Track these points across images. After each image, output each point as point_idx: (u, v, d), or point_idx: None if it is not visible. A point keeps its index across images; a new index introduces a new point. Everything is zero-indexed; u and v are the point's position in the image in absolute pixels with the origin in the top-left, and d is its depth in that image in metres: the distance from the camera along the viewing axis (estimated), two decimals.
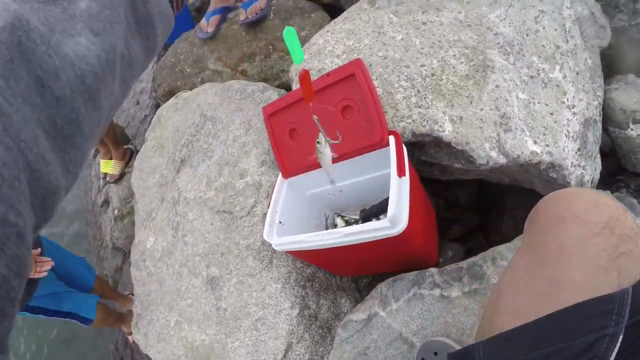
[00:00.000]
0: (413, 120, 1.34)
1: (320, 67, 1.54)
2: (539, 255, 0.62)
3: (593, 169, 1.39)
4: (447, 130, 1.31)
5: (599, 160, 1.44)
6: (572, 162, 1.31)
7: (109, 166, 2.94)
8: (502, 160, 1.29)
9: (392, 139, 1.23)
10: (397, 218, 1.07)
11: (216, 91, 1.93)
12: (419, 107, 1.35)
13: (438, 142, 1.36)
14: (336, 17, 1.86)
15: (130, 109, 3.04)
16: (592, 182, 1.39)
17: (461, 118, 1.31)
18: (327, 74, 1.32)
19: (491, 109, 1.31)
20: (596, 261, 0.54)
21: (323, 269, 1.51)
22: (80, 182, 4.13)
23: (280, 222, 1.33)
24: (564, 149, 1.30)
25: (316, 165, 1.36)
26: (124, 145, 3.00)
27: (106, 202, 3.23)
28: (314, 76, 1.53)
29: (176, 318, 1.73)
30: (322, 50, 1.58)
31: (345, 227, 1.15)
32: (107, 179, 2.99)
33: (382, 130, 1.24)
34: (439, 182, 1.69)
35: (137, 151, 2.84)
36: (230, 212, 1.57)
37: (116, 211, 2.97)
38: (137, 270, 2.05)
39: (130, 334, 2.55)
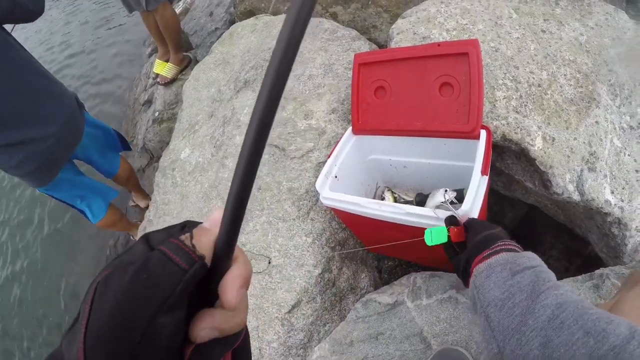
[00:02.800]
0: (507, 123, 1.24)
1: (425, 35, 1.43)
2: None
3: None
4: (537, 146, 1.21)
5: None
6: (637, 226, 1.22)
7: (163, 68, 2.85)
8: (576, 197, 1.21)
9: (483, 133, 1.13)
10: (469, 212, 0.97)
11: None
12: (517, 112, 1.26)
13: (522, 155, 1.27)
14: None
15: (202, 18, 2.93)
16: None
17: (554, 139, 1.22)
18: (438, 44, 1.20)
19: (584, 143, 1.23)
20: None
21: (356, 238, 1.42)
22: (127, 78, 4.09)
23: (335, 177, 1.24)
24: (635, 210, 1.21)
25: (393, 131, 1.26)
26: (184, 52, 2.91)
27: (148, 102, 3.16)
28: (416, 42, 1.42)
29: None
30: (431, 19, 1.47)
31: (408, 206, 1.05)
32: (158, 79, 2.91)
33: (477, 121, 1.13)
34: (493, 192, 1.58)
35: (196, 61, 2.75)
36: (283, 149, 1.48)
37: (157, 113, 2.90)
38: (162, 176, 1.99)
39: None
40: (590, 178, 1.20)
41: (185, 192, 1.79)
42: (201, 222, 0.32)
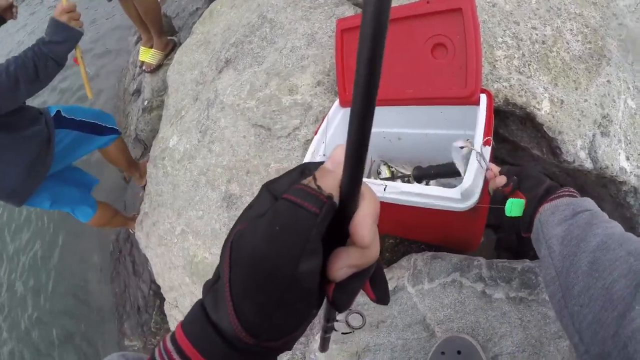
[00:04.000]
0: (510, 86, 1.14)
1: None
2: None
3: None
4: (543, 110, 1.12)
5: None
6: None
7: (148, 55, 2.73)
8: (589, 164, 1.11)
9: (483, 98, 1.02)
10: (470, 193, 0.87)
11: None
12: (520, 73, 1.16)
13: (527, 120, 1.18)
14: None
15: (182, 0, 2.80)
16: None
17: (562, 102, 1.12)
18: (427, 1, 1.08)
19: (595, 104, 1.13)
20: None
21: None
22: (117, 69, 3.97)
23: (324, 155, 1.13)
24: None
25: (382, 101, 1.15)
26: (167, 36, 2.78)
27: (137, 92, 3.06)
28: (402, 1, 1.29)
29: (182, 227, 1.60)
30: None
31: (404, 184, 0.95)
32: (144, 67, 2.79)
33: (475, 85, 1.03)
34: (497, 160, 1.49)
35: (180, 44, 2.63)
36: (268, 129, 1.37)
37: (146, 102, 2.80)
38: (154, 167, 1.90)
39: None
40: (604, 144, 1.11)
41: (176, 181, 1.71)
42: (321, 163, 0.31)
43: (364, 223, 0.29)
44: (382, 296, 0.36)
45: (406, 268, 1.14)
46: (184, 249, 1.57)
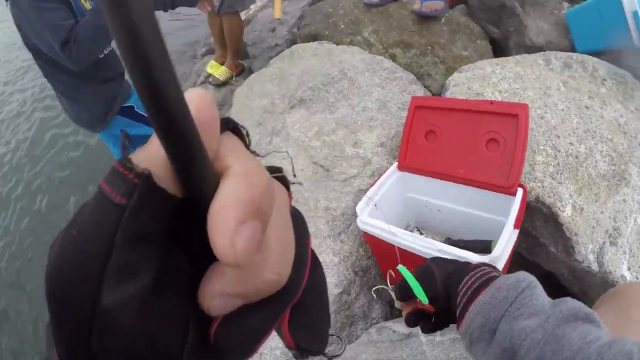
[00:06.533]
0: (543, 187, 1.33)
1: (478, 92, 1.54)
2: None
3: None
4: (566, 213, 1.30)
5: None
6: None
7: (218, 70, 2.99)
8: (595, 267, 1.28)
9: (520, 191, 1.21)
10: (496, 261, 1.05)
11: (364, 58, 1.92)
12: (553, 178, 1.35)
13: (551, 219, 1.35)
14: (498, 55, 2.06)
15: (263, 32, 3.08)
16: None
17: (582, 209, 1.30)
18: (492, 102, 1.30)
19: (609, 217, 1.31)
20: None
21: (378, 268, 1.49)
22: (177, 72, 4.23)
23: (375, 205, 1.31)
24: None
25: (437, 173, 1.34)
26: (239, 59, 3.05)
27: None
28: (469, 96, 1.52)
29: None
30: (486, 78, 1.58)
31: (440, 243, 1.13)
32: (210, 79, 3.04)
33: (516, 179, 1.22)
34: (515, 255, 1.65)
35: (250, 70, 2.88)
36: (327, 170, 1.57)
37: None
38: None
39: None
40: (611, 252, 1.28)
41: None
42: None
43: (221, 221, 0.17)
44: (307, 342, 0.25)
45: None
46: None
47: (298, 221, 0.23)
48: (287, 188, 0.24)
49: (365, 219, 1.25)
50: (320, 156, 1.61)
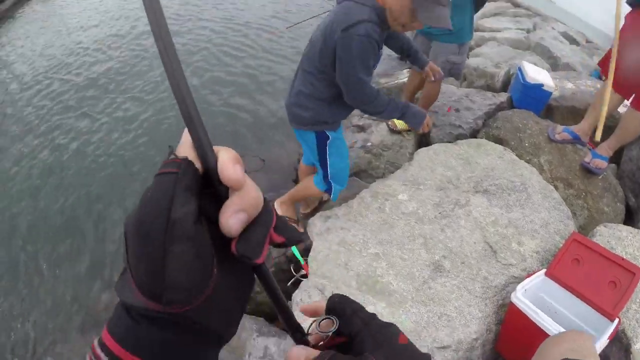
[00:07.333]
0: (629, 324, 1.85)
1: (613, 247, 2.09)
2: None
3: None
4: (637, 346, 1.82)
5: None
6: None
7: (404, 124, 3.57)
8: None
9: (616, 321, 1.75)
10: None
11: (540, 181, 2.51)
12: (637, 322, 1.87)
13: (623, 349, 1.86)
14: (626, 220, 2.76)
15: (469, 108, 3.63)
16: None
17: None
18: (622, 258, 1.90)
19: None
20: None
21: (495, 336, 2.02)
22: None
23: (525, 290, 1.86)
24: None
25: (567, 286, 1.88)
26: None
27: (361, 128, 3.89)
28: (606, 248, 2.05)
29: (378, 251, 2.28)
30: (621, 239, 2.16)
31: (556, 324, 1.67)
32: (389, 122, 3.64)
33: (618, 310, 1.77)
34: None
35: (428, 138, 3.48)
36: (494, 251, 2.14)
37: (369, 144, 3.59)
38: (371, 196, 2.64)
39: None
40: None
41: (391, 222, 2.46)
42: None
43: (225, 165, 0.33)
44: (291, 236, 0.39)
45: None
46: (369, 264, 2.21)
47: (267, 203, 0.37)
48: (297, 241, 0.41)
49: (521, 297, 1.80)
50: (491, 240, 2.19)
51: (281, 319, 0.44)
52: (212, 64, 5.89)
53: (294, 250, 2.59)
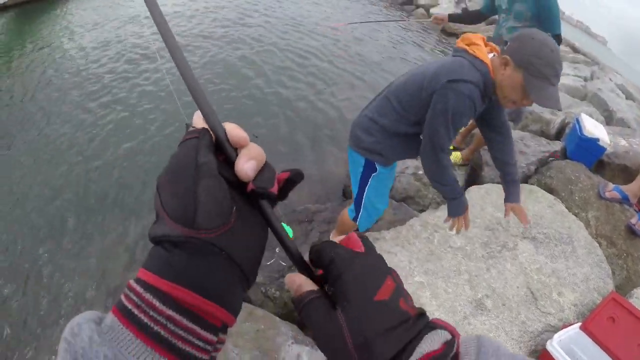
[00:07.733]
0: None
1: None
2: None
3: None
4: None
5: None
6: None
7: (453, 154, 3.76)
8: None
9: None
10: None
11: (585, 237, 2.66)
12: None
13: None
14: None
15: (523, 152, 3.76)
16: None
17: None
18: None
19: None
20: None
21: None
22: None
23: (560, 340, 2.03)
24: None
25: (599, 342, 2.03)
26: (473, 157, 3.75)
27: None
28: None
29: (422, 280, 2.44)
30: None
31: None
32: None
33: None
34: None
35: (475, 170, 3.64)
36: (535, 298, 2.31)
37: (420, 171, 3.83)
38: (420, 225, 2.82)
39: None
40: None
41: (439, 254, 2.65)
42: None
43: (233, 129, 0.41)
44: (293, 172, 0.45)
45: None
46: (414, 292, 2.34)
47: (268, 164, 0.43)
48: (300, 176, 0.46)
49: (557, 346, 1.97)
50: (534, 286, 2.36)
51: (291, 259, 0.46)
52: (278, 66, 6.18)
53: None
